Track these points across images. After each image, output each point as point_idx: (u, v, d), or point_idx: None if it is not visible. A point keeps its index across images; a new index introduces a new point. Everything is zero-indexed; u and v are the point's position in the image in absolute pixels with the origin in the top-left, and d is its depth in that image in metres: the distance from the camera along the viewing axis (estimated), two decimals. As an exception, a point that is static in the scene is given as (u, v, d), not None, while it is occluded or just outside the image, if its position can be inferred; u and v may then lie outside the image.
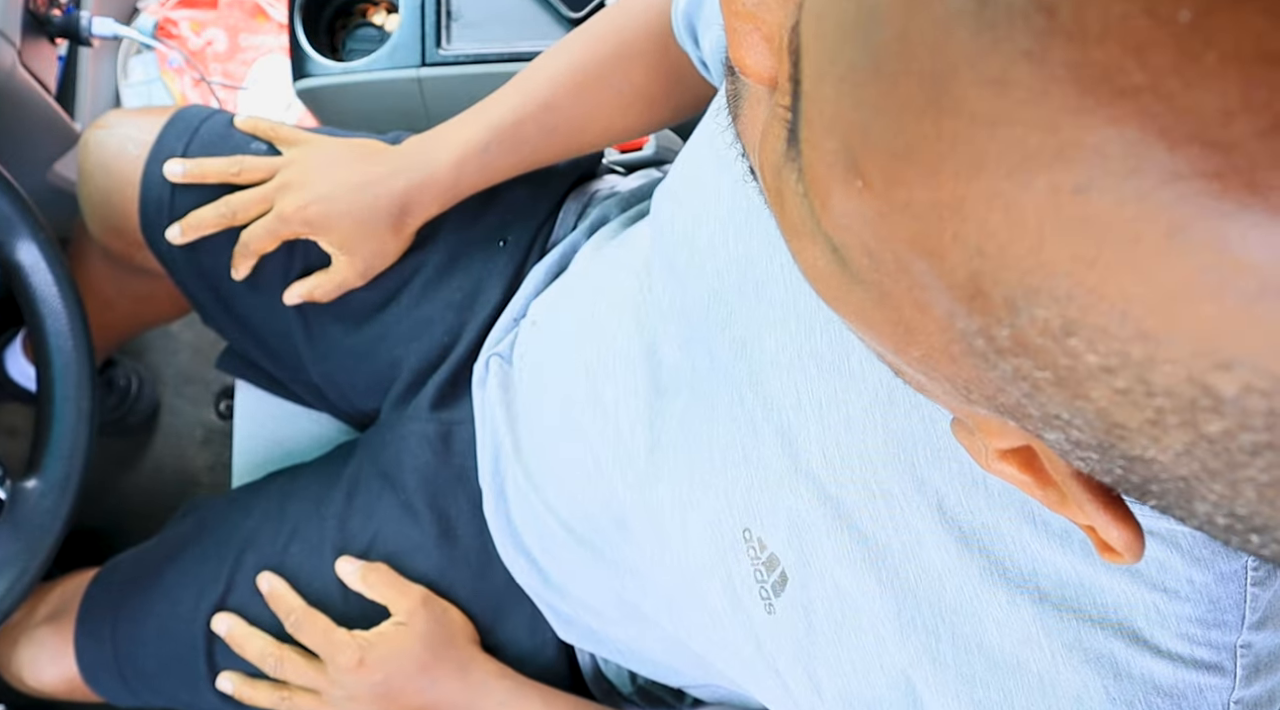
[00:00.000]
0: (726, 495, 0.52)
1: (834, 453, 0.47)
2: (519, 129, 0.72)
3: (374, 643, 0.71)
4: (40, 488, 0.67)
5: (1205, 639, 0.40)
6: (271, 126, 0.79)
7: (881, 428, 0.46)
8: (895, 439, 0.45)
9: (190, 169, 0.76)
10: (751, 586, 0.51)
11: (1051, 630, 0.42)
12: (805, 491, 0.48)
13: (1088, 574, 0.41)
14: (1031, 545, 0.42)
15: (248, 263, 0.77)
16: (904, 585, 0.45)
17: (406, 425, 0.80)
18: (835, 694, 0.48)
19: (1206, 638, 0.40)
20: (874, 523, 0.46)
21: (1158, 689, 0.40)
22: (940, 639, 0.44)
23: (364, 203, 0.73)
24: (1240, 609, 0.40)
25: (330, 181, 0.74)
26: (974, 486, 0.43)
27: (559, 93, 0.72)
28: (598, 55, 0.72)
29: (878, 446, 0.46)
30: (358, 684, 0.71)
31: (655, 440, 0.58)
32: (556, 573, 0.71)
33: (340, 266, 0.76)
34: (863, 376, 0.47)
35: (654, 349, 0.59)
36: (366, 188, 0.73)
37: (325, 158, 0.76)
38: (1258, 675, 0.41)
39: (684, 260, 0.57)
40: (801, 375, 0.49)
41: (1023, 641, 0.42)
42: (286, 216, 0.74)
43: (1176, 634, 0.40)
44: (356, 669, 0.70)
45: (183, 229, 0.76)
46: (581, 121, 0.73)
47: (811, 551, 0.48)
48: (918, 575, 0.45)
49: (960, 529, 0.43)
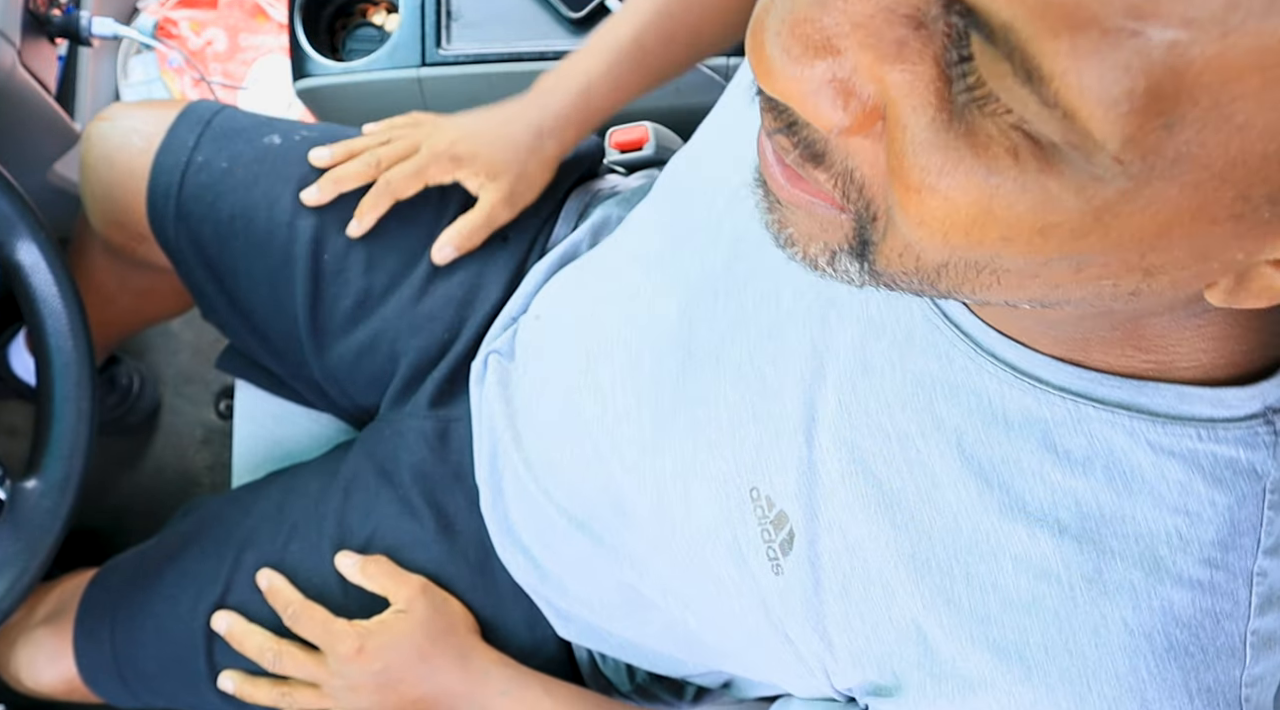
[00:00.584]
0: (734, 454, 0.52)
1: (850, 398, 0.47)
2: (639, 43, 0.75)
3: (373, 631, 0.71)
4: (40, 487, 0.67)
5: (1224, 563, 0.40)
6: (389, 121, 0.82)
7: (900, 369, 0.46)
8: (913, 379, 0.45)
9: (337, 150, 0.79)
10: (759, 547, 0.51)
11: (1071, 563, 0.41)
12: (822, 440, 0.48)
13: (1109, 502, 0.41)
14: (1052, 475, 0.42)
15: (381, 208, 0.78)
16: (919, 527, 0.45)
17: (404, 422, 0.80)
18: (846, 650, 0.48)
19: (1225, 562, 0.40)
20: (889, 466, 0.46)
21: (1176, 620, 0.40)
22: (955, 579, 0.44)
23: (505, 133, 0.77)
24: (1256, 532, 0.40)
25: (475, 120, 0.78)
26: (993, 420, 0.43)
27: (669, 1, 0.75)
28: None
29: (895, 388, 0.46)
30: (358, 673, 0.71)
31: (654, 414, 0.58)
32: (555, 567, 0.71)
33: (487, 197, 0.77)
34: (879, 321, 0.47)
35: (652, 323, 0.60)
36: (508, 122, 0.77)
37: (463, 115, 0.80)
38: (1272, 606, 0.40)
39: (701, 223, 0.57)
40: (819, 325, 0.49)
41: (1040, 576, 0.42)
42: (437, 152, 0.77)
43: (1198, 559, 0.40)
44: (356, 657, 0.70)
45: (321, 187, 0.77)
46: (697, 24, 0.76)
47: (822, 503, 0.48)
48: (932, 517, 0.45)
49: (980, 464, 0.43)
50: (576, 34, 0.95)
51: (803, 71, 0.28)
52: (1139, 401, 0.40)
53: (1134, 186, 0.26)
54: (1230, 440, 0.39)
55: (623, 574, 0.65)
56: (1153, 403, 0.39)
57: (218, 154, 0.80)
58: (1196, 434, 0.39)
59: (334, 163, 0.78)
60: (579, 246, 0.79)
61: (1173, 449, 0.40)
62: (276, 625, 0.74)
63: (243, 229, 0.79)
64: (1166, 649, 0.40)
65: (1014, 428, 0.43)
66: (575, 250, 0.79)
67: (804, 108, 0.29)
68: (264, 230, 0.79)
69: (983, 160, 0.27)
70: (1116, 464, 0.41)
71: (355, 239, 0.79)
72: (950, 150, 0.27)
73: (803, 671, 0.52)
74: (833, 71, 0.28)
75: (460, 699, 0.71)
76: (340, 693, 0.72)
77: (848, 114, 0.29)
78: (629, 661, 0.76)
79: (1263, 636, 0.40)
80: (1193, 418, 0.39)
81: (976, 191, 0.27)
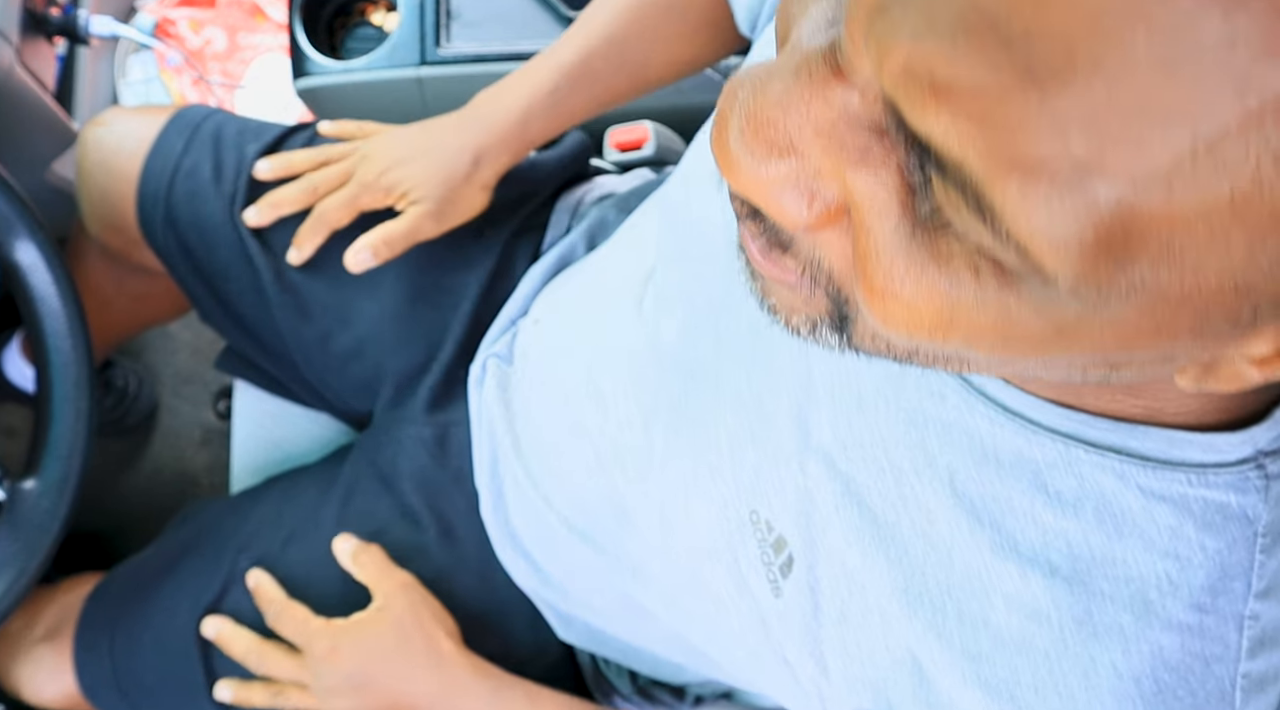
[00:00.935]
0: (734, 477, 0.52)
1: (845, 431, 0.47)
2: (586, 67, 0.73)
3: (347, 630, 0.70)
4: (38, 488, 0.67)
5: (1214, 607, 0.40)
6: (358, 125, 0.81)
7: (893, 404, 0.46)
8: (906, 415, 0.45)
9: (276, 165, 0.78)
10: (759, 569, 0.50)
11: (1061, 604, 0.41)
12: (815, 470, 0.48)
13: (1100, 544, 0.41)
14: (1044, 516, 0.42)
15: (318, 238, 0.76)
16: (913, 562, 0.45)
17: (402, 428, 0.79)
18: (842, 676, 0.48)
19: (1215, 606, 0.40)
20: (884, 500, 0.46)
21: (1165, 663, 0.40)
22: (947, 615, 0.44)
23: (437, 159, 0.74)
24: (1247, 576, 0.39)
25: (405, 147, 0.76)
26: (984, 459, 0.43)
27: (622, 25, 0.72)
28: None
29: (889, 423, 0.46)
30: (332, 674, 0.70)
31: (656, 430, 0.58)
32: (557, 572, 0.71)
33: (410, 213, 0.75)
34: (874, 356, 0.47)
35: (654, 338, 0.59)
36: (442, 143, 0.75)
37: (400, 133, 0.78)
38: (1263, 648, 0.40)
39: (697, 245, 0.57)
40: (815, 355, 0.49)
41: (1031, 617, 0.42)
42: (367, 183, 0.75)
43: (1188, 604, 0.40)
44: (330, 657, 0.70)
45: (260, 210, 0.76)
46: (646, 53, 0.74)
47: (819, 531, 0.48)
48: (926, 551, 0.44)
49: (972, 502, 0.43)
50: (576, 33, 0.95)
51: (765, 170, 0.28)
52: (1129, 445, 0.40)
53: (1091, 310, 0.26)
54: (1221, 485, 0.39)
55: (625, 585, 0.65)
56: (1143, 447, 0.39)
57: (205, 159, 0.80)
58: (1187, 479, 0.39)
59: (273, 177, 0.78)
60: (575, 249, 0.78)
61: (1163, 494, 0.39)
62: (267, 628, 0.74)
63: (226, 236, 0.79)
64: (1155, 693, 0.40)
65: (1005, 467, 0.42)
66: (572, 253, 0.78)
67: (767, 206, 0.29)
68: (242, 239, 0.80)
69: (945, 273, 0.27)
70: (1107, 506, 0.40)
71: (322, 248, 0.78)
72: (913, 258, 0.27)
73: (799, 695, 0.52)
74: (796, 172, 0.28)
75: (436, 702, 0.70)
76: (321, 694, 0.71)
77: (811, 212, 0.29)
78: (630, 667, 0.76)
79: (1254, 680, 0.40)
80: (1183, 463, 0.39)
81: (940, 301, 0.27)
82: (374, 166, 0.75)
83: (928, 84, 0.23)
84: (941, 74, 0.23)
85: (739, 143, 0.28)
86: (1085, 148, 0.22)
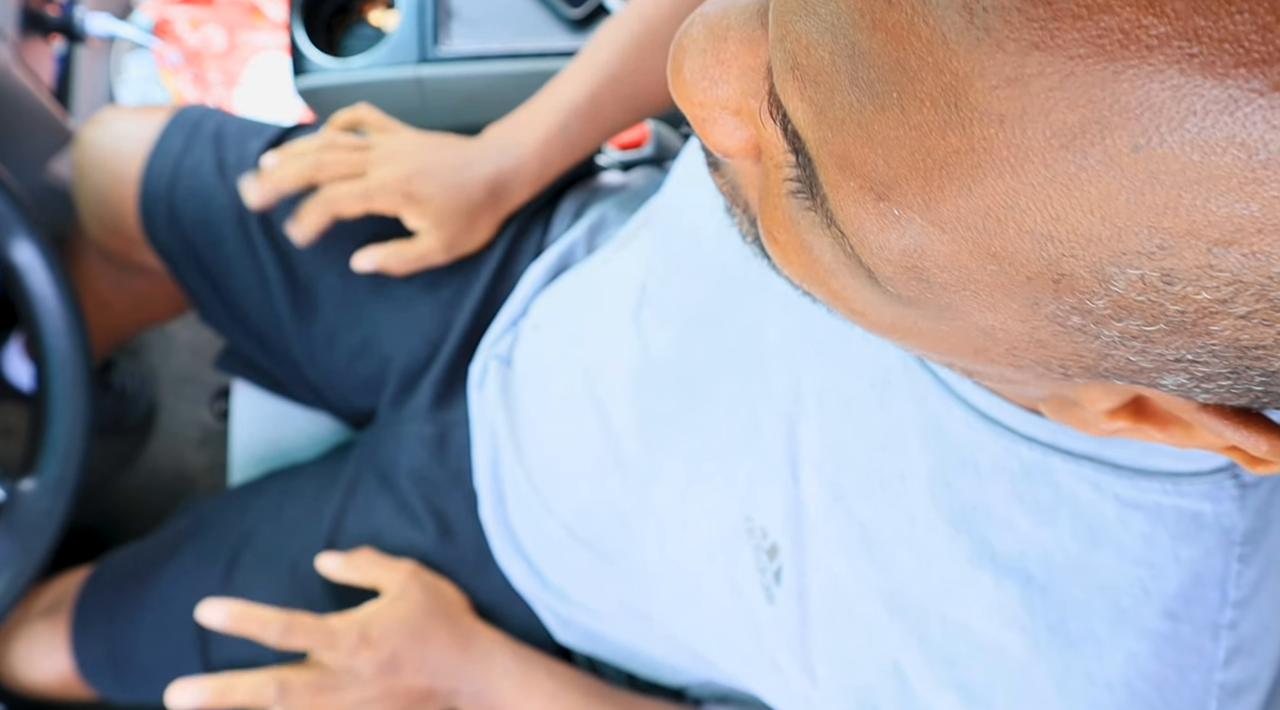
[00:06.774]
0: (729, 484, 0.52)
1: (832, 437, 0.48)
2: (595, 104, 0.73)
3: (371, 619, 0.69)
4: (37, 488, 0.67)
5: (1188, 615, 0.40)
6: (370, 111, 0.80)
7: (878, 411, 0.46)
8: (890, 421, 0.45)
9: (283, 157, 0.76)
10: (753, 576, 0.51)
11: (1036, 612, 0.41)
12: (804, 477, 0.48)
13: (1075, 552, 0.41)
14: (1020, 524, 0.42)
15: (321, 219, 0.74)
16: (897, 567, 0.45)
17: (404, 426, 0.79)
18: (828, 682, 0.48)
19: (1189, 614, 0.40)
20: (869, 507, 0.46)
21: (1139, 671, 0.40)
22: (929, 620, 0.44)
23: (461, 182, 0.74)
24: (1223, 585, 0.40)
25: (431, 158, 0.74)
26: (963, 465, 0.43)
27: (626, 63, 0.73)
28: (659, 16, 0.72)
29: (874, 429, 0.46)
30: (367, 663, 0.67)
31: (652, 439, 0.58)
32: (557, 576, 0.71)
33: (426, 239, 0.74)
34: (859, 361, 0.47)
35: (649, 348, 0.59)
36: (465, 168, 0.74)
37: (420, 139, 0.76)
38: (1240, 657, 0.40)
39: (690, 254, 0.57)
40: (802, 363, 0.49)
41: (1007, 624, 0.42)
42: (388, 185, 0.73)
43: (1161, 611, 0.40)
44: (362, 648, 0.68)
45: (260, 187, 0.74)
46: (650, 90, 0.74)
47: (809, 538, 0.48)
48: (909, 557, 0.45)
49: (950, 510, 0.43)
50: (576, 33, 0.95)
51: (701, 93, 0.29)
52: (1104, 454, 0.40)
53: (920, 317, 0.27)
54: (1195, 494, 0.39)
55: (626, 590, 0.65)
56: (1118, 456, 0.39)
57: (208, 157, 0.80)
58: (1162, 488, 0.39)
59: None
60: (576, 247, 0.78)
61: (1138, 502, 0.39)
62: None
63: (232, 233, 0.79)
64: (1130, 700, 0.40)
65: (984, 474, 0.42)
66: (573, 252, 0.78)
67: (697, 126, 0.30)
68: (248, 235, 0.79)
69: (812, 236, 0.28)
70: (1082, 515, 0.41)
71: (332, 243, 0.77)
72: (790, 214, 0.28)
73: (788, 701, 0.52)
74: (724, 102, 0.29)
75: (462, 680, 0.70)
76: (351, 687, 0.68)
77: (730, 142, 0.30)
78: (628, 669, 0.76)
79: (1230, 689, 0.40)
80: (1158, 472, 0.39)
81: (805, 258, 0.28)
82: (396, 170, 0.73)
83: (791, 64, 0.24)
84: (800, 59, 0.24)
85: (690, 58, 0.29)
86: (889, 172, 0.22)
